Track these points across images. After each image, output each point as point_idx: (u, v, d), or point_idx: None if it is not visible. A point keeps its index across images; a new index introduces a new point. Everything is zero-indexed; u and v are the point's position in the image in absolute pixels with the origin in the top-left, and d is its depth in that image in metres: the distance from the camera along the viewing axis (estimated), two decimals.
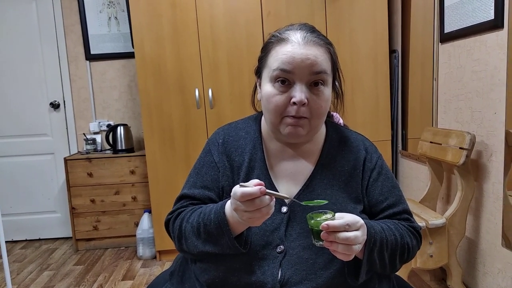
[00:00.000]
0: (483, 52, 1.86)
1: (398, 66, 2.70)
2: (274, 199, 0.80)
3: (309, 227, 0.80)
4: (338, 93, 1.04)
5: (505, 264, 1.80)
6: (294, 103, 0.89)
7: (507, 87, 1.71)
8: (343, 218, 0.78)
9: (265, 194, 0.76)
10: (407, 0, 2.58)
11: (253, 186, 0.76)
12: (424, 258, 1.91)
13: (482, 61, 1.87)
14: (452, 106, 2.14)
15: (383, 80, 2.71)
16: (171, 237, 1.00)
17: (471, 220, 2.03)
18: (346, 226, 0.77)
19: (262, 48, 1.00)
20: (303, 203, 0.85)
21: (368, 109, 2.72)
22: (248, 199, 0.76)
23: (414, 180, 2.62)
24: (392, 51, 2.74)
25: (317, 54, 0.90)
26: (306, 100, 0.89)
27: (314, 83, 0.91)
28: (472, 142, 1.84)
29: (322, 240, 0.78)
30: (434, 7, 2.23)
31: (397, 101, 2.74)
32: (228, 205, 0.85)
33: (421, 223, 1.86)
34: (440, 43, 2.21)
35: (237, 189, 0.77)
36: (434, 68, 2.27)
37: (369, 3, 2.63)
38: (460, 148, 1.87)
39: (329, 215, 0.79)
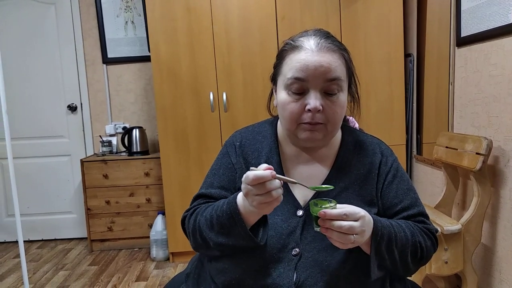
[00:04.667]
0: (500, 57, 1.84)
1: (413, 70, 2.68)
2: (283, 184, 0.82)
3: (311, 212, 0.83)
4: (354, 97, 1.04)
5: None
6: (309, 110, 0.90)
7: None
8: (343, 208, 0.80)
9: (275, 178, 0.79)
10: (422, 4, 2.57)
11: (263, 170, 0.79)
12: (439, 264, 1.89)
13: (500, 66, 1.85)
14: (468, 111, 2.12)
15: (398, 84, 2.69)
16: (186, 234, 1.02)
17: (487, 226, 2.00)
18: (343, 215, 0.79)
19: (277, 55, 1.01)
20: (309, 187, 0.87)
21: (382, 113, 2.70)
22: (259, 183, 0.77)
23: (429, 185, 2.59)
24: (407, 55, 2.72)
25: (331, 61, 0.91)
26: (320, 107, 0.90)
27: (329, 90, 0.91)
28: (489, 148, 1.81)
29: (319, 226, 0.82)
30: (451, 11, 2.21)
31: (412, 105, 2.72)
32: (240, 196, 0.87)
33: (436, 229, 1.84)
34: (456, 47, 2.19)
35: (248, 173, 0.79)
36: (450, 72, 2.25)
37: (384, 6, 2.62)
38: (477, 153, 1.85)
39: (332, 204, 0.82)
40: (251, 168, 0.80)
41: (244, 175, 0.80)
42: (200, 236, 0.95)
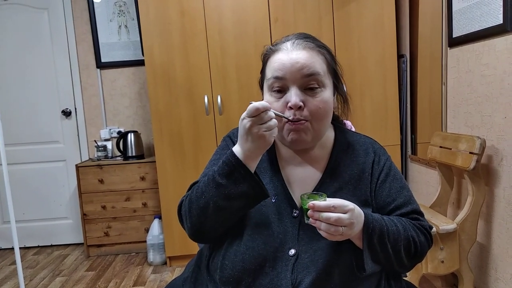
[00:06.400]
0: (492, 57, 1.86)
1: (406, 71, 2.70)
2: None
3: (302, 205, 0.87)
4: (342, 97, 1.06)
5: None
6: (291, 108, 0.92)
7: None
8: (332, 200, 0.83)
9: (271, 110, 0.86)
10: (414, 5, 2.59)
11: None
12: (435, 264, 1.90)
13: (491, 66, 1.87)
14: (461, 111, 2.13)
15: (391, 85, 2.71)
16: (183, 219, 0.99)
17: (482, 225, 2.01)
18: (332, 207, 0.81)
19: (262, 61, 1.04)
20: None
21: (377, 114, 2.72)
22: (258, 114, 0.84)
23: (424, 185, 2.61)
24: (400, 56, 2.74)
25: (307, 57, 0.93)
26: (301, 103, 0.92)
27: (308, 86, 0.93)
28: (482, 147, 1.83)
29: (309, 219, 0.84)
30: (442, 11, 2.23)
31: (406, 106, 2.74)
32: (236, 146, 0.90)
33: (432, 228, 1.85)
34: (448, 48, 2.21)
35: (253, 104, 0.84)
36: (443, 72, 2.27)
37: (376, 8, 2.64)
38: (470, 152, 1.86)
39: (322, 197, 0.85)
40: (250, 102, 0.86)
41: (248, 108, 0.85)
42: (197, 204, 0.93)
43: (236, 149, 0.90)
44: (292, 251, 0.92)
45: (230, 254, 0.94)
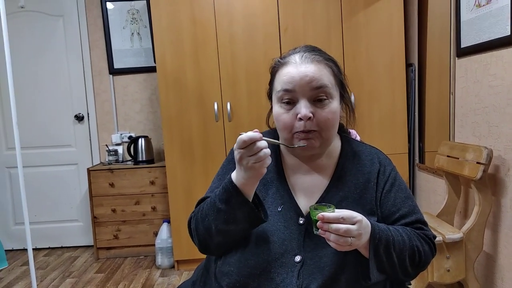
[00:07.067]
0: (499, 67, 1.87)
1: (414, 80, 2.72)
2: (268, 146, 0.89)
3: (311, 217, 0.88)
4: (348, 106, 1.09)
5: None
6: (301, 119, 0.95)
7: None
8: (341, 212, 0.85)
9: (262, 139, 0.87)
10: (423, 15, 2.61)
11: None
12: (441, 272, 1.91)
13: (499, 76, 1.88)
14: (469, 120, 2.15)
15: (400, 94, 2.73)
16: (192, 235, 1.04)
17: (489, 234, 2.01)
18: (341, 219, 0.84)
19: (270, 73, 1.07)
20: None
21: (385, 122, 2.74)
22: (249, 144, 0.86)
23: (432, 194, 2.62)
24: (408, 65, 2.76)
25: (315, 70, 0.97)
26: (310, 114, 0.95)
27: (317, 98, 0.97)
28: (489, 157, 1.84)
29: (318, 229, 0.87)
30: (451, 22, 2.25)
31: (414, 115, 2.75)
32: (234, 172, 0.93)
33: (438, 237, 1.86)
34: (456, 58, 2.23)
35: (240, 137, 0.86)
36: (451, 82, 2.28)
37: (385, 17, 2.67)
38: (477, 162, 1.87)
39: (330, 209, 0.87)
40: (240, 133, 0.87)
41: (237, 140, 0.87)
42: (202, 225, 0.98)
43: (234, 175, 0.93)
44: (298, 258, 0.95)
45: (236, 260, 0.96)
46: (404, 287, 1.05)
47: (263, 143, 0.87)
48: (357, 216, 0.86)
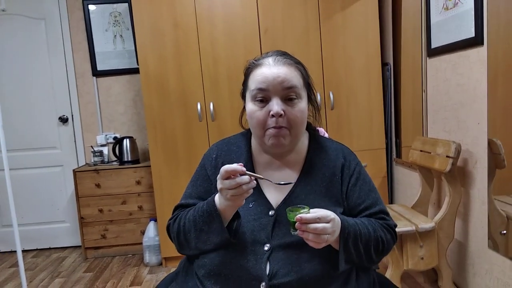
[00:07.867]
0: (466, 67, 1.99)
1: (390, 78, 2.83)
2: (254, 180, 0.97)
3: (288, 219, 0.96)
4: (314, 106, 1.19)
5: (491, 265, 1.91)
6: (273, 116, 1.04)
7: (488, 99, 1.84)
8: (316, 212, 0.93)
9: (244, 174, 0.93)
10: (397, 16, 2.73)
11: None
12: (415, 260, 2.03)
13: (466, 75, 2.00)
14: (440, 117, 2.27)
15: (376, 92, 2.84)
16: (171, 238, 1.15)
17: (460, 223, 2.14)
18: (317, 219, 0.92)
19: (244, 74, 1.16)
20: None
21: (363, 120, 2.84)
22: (231, 177, 0.93)
23: (408, 187, 2.74)
24: (384, 64, 2.87)
25: (287, 72, 1.06)
26: (282, 112, 1.04)
27: (288, 98, 1.06)
28: (458, 151, 1.96)
29: (297, 230, 0.93)
30: (422, 23, 2.36)
31: (391, 112, 2.87)
32: (217, 195, 1.01)
33: (411, 227, 1.98)
34: (428, 58, 2.35)
35: (222, 168, 0.93)
36: (423, 80, 2.40)
37: (361, 19, 2.77)
38: (447, 156, 1.99)
39: (305, 210, 0.94)
40: (224, 165, 0.94)
41: (220, 170, 0.94)
42: (184, 237, 1.08)
43: (217, 199, 1.01)
44: (267, 246, 1.03)
45: (209, 253, 1.06)
46: (369, 270, 1.14)
47: (244, 179, 0.93)
48: (331, 214, 0.95)
